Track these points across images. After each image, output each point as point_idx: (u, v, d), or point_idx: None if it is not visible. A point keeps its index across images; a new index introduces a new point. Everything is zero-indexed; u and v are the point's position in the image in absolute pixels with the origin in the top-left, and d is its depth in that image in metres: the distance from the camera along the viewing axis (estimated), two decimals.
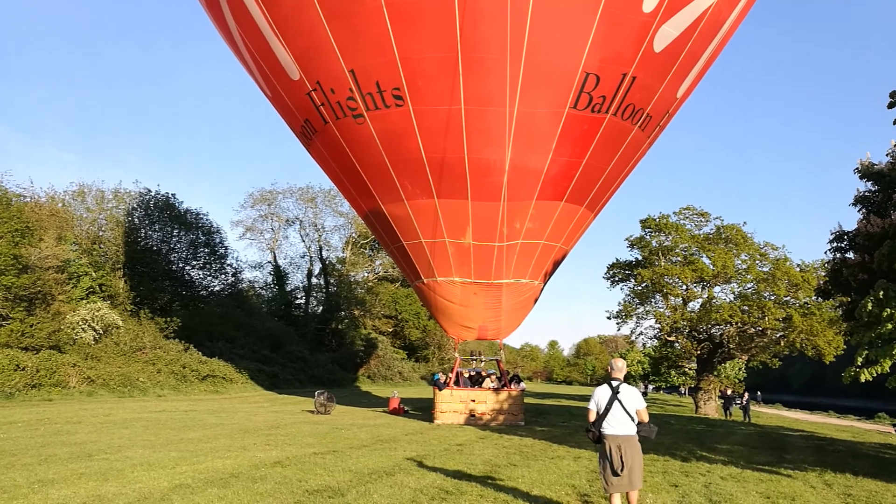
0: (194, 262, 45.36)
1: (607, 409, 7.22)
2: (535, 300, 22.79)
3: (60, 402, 23.31)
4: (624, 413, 7.16)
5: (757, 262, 37.65)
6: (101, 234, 39.78)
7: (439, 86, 16.71)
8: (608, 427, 7.20)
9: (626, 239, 40.45)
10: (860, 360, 11.28)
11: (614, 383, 7.31)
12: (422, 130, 17.65)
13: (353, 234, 62.51)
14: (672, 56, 17.20)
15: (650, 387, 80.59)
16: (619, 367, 7.46)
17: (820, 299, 32.13)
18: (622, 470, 7.02)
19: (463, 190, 18.81)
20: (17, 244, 26.89)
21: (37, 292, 28.11)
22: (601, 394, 7.35)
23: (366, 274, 65.04)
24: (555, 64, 16.43)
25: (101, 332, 30.31)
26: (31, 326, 26.63)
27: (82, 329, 29.35)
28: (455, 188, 18.84)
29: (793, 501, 9.56)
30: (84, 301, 31.80)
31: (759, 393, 36.70)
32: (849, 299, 18.59)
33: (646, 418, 7.28)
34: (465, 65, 16.20)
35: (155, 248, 41.97)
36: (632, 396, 7.24)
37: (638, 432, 7.21)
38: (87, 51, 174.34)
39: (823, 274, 27.30)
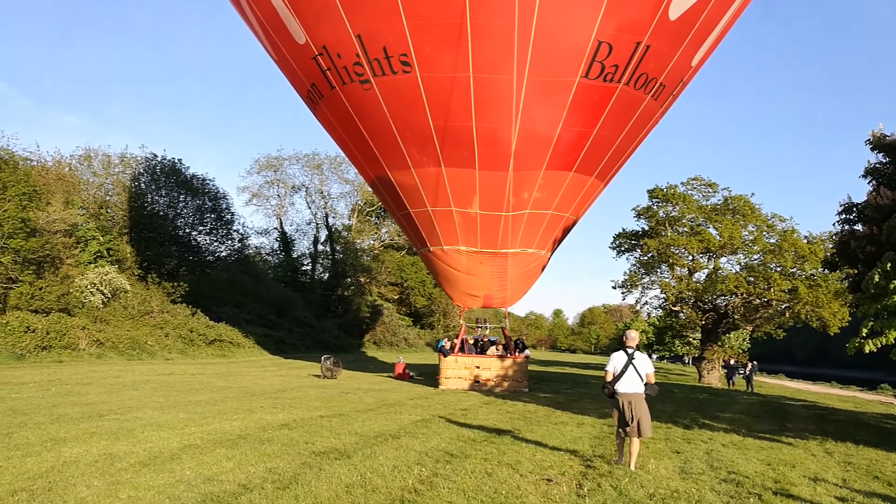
0: (201, 228, 45.49)
1: (623, 372, 8.85)
2: (542, 269, 22.81)
3: (70, 363, 23.63)
4: (636, 375, 8.84)
5: (764, 233, 37.53)
6: (107, 198, 39.86)
7: (447, 52, 16.47)
8: (621, 386, 8.84)
9: (633, 209, 40.32)
10: (865, 331, 11.30)
11: (629, 350, 8.95)
12: (429, 98, 17.45)
13: (359, 202, 62.43)
14: (688, 24, 16.80)
15: (654, 356, 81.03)
16: (633, 336, 9.09)
17: (826, 271, 32.07)
18: (632, 421, 8.70)
19: (470, 159, 18.68)
20: (25, 208, 26.97)
21: (45, 256, 28.29)
22: (618, 358, 8.98)
23: (371, 241, 65.13)
24: (566, 32, 16.14)
25: (110, 295, 30.57)
26: (40, 289, 26.84)
27: (91, 293, 29.59)
28: (462, 157, 18.71)
29: (793, 468, 9.67)
30: (92, 265, 32.00)
31: (755, 363, 36.78)
32: (856, 271, 18.55)
33: (652, 381, 8.92)
34: (474, 31, 15.93)
35: (161, 213, 42.07)
36: (644, 362, 8.94)
37: (644, 391, 8.86)
38: (93, 11, 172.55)
39: (831, 246, 27.19)
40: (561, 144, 18.27)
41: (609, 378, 9.00)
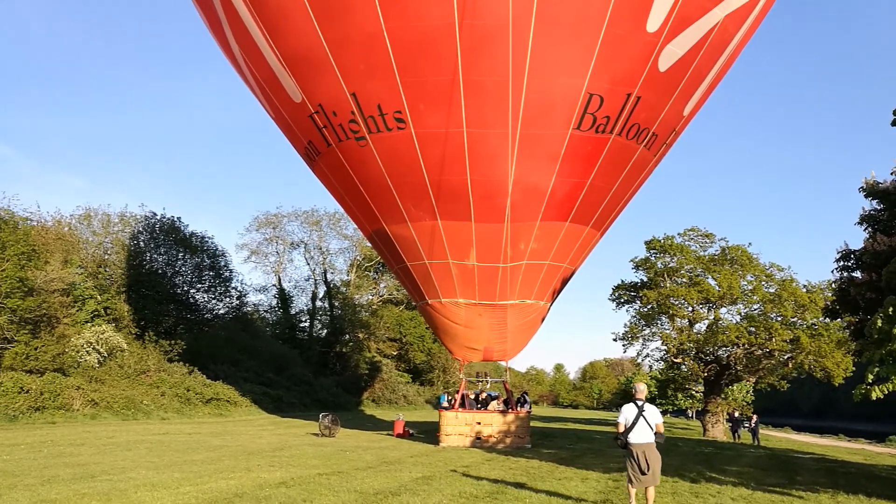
0: (199, 285, 45.33)
1: (634, 423, 9.33)
2: (542, 320, 22.68)
3: (64, 424, 23.18)
4: (647, 426, 9.32)
5: (763, 282, 37.45)
6: (106, 257, 39.87)
7: (441, 109, 16.80)
8: (634, 437, 9.30)
9: (631, 260, 40.36)
10: (871, 377, 11.14)
11: (639, 403, 9.50)
12: (424, 153, 17.73)
13: (358, 257, 62.49)
14: (677, 75, 17.25)
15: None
16: (642, 389, 9.74)
17: (828, 319, 31.92)
18: (648, 470, 9.15)
19: (466, 212, 18.83)
20: (24, 267, 26.95)
21: (42, 315, 28.11)
22: (629, 411, 9.50)
23: (370, 297, 64.90)
24: (557, 86, 16.53)
25: (106, 354, 30.24)
26: (35, 349, 26.56)
27: (87, 352, 29.27)
28: (458, 210, 18.86)
29: None
30: (89, 324, 31.78)
31: (757, 416, 36.17)
32: (857, 318, 18.46)
33: (661, 430, 9.46)
34: (467, 88, 16.29)
35: (160, 271, 41.99)
36: (654, 413, 9.48)
37: (655, 440, 9.35)
38: (92, 76, 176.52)
39: (830, 294, 27.16)
40: (556, 195, 18.47)
41: (621, 430, 9.47)
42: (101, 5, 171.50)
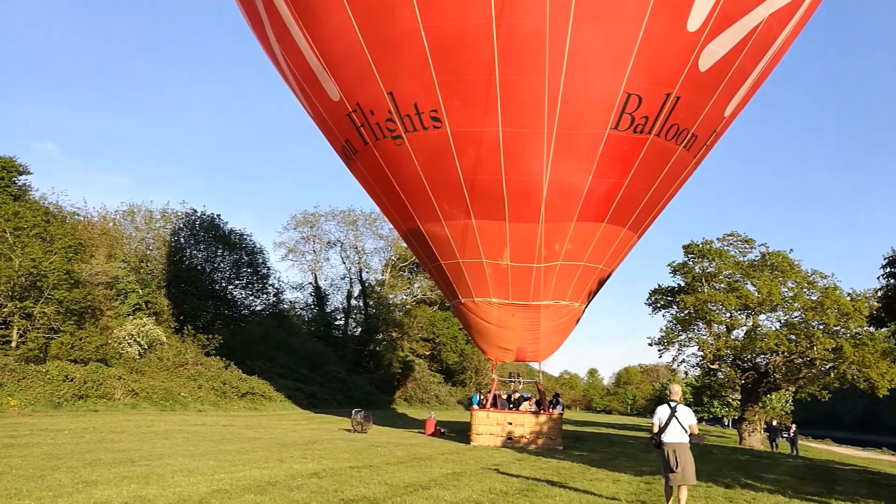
0: (237, 282, 46.19)
1: (667, 423, 9.51)
2: (577, 322, 22.52)
3: (105, 412, 23.84)
4: (679, 427, 9.48)
5: (804, 289, 36.62)
6: (148, 252, 40.95)
7: (477, 108, 16.81)
8: (667, 437, 9.47)
9: (669, 265, 39.85)
10: None
11: (672, 404, 9.66)
12: (459, 151, 17.77)
13: (393, 257, 62.90)
14: (719, 75, 16.94)
15: None
16: (676, 391, 9.97)
17: (872, 329, 31.06)
18: (677, 468, 9.29)
19: (500, 211, 18.80)
20: (70, 260, 27.84)
21: (87, 307, 29.00)
22: (662, 411, 9.69)
23: (404, 297, 65.24)
24: (595, 85, 16.41)
25: (146, 347, 31.04)
26: (80, 340, 27.39)
27: (128, 344, 30.11)
28: (492, 209, 18.85)
29: None
30: (130, 317, 32.67)
31: (794, 426, 35.17)
32: None
33: (696, 431, 9.58)
34: (503, 87, 16.29)
35: (199, 267, 42.93)
36: (686, 414, 9.61)
37: (690, 441, 9.49)
38: (134, 77, 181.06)
39: (876, 302, 26.40)
40: (592, 196, 18.29)
41: (655, 430, 9.69)
42: (147, 7, 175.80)
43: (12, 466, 10.30)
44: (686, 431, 9.45)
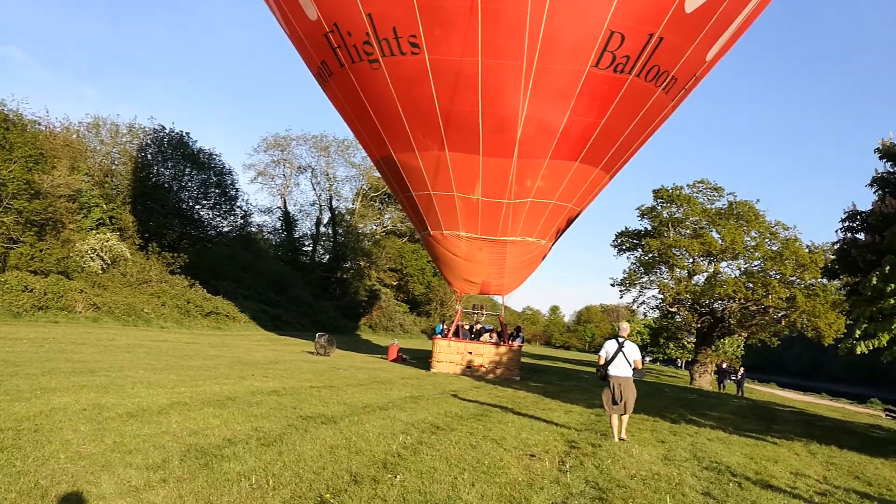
0: (204, 202, 45.52)
1: (614, 357, 9.97)
2: (542, 259, 22.83)
3: (66, 325, 23.70)
4: (625, 361, 9.95)
5: (766, 239, 37.53)
6: (113, 167, 39.89)
7: (456, 36, 16.39)
8: (613, 370, 9.94)
9: (638, 208, 40.38)
10: (858, 332, 11.31)
11: (620, 339, 10.10)
12: (436, 80, 17.40)
13: (364, 186, 62.41)
14: (704, 18, 16.61)
15: (647, 358, 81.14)
16: (625, 328, 10.48)
17: (825, 280, 32.11)
18: (620, 400, 9.84)
19: (475, 144, 18.64)
20: (31, 170, 27.00)
21: (48, 219, 28.34)
22: (610, 346, 10.10)
23: (374, 227, 65.13)
24: (578, 20, 16.05)
25: (109, 262, 30.65)
26: (40, 251, 26.90)
27: (91, 258, 29.67)
28: (467, 142, 18.67)
29: (776, 463, 9.71)
30: (94, 231, 32.08)
31: (742, 370, 36.79)
32: (855, 280, 18.54)
33: (640, 366, 10.09)
34: (485, 15, 15.84)
35: (166, 185, 42.08)
36: (632, 350, 10.07)
37: (633, 375, 9.97)
38: None
39: (832, 256, 27.17)
40: (568, 134, 18.20)
41: (601, 362, 10.13)
42: None
43: None
44: (631, 366, 9.94)
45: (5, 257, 25.91)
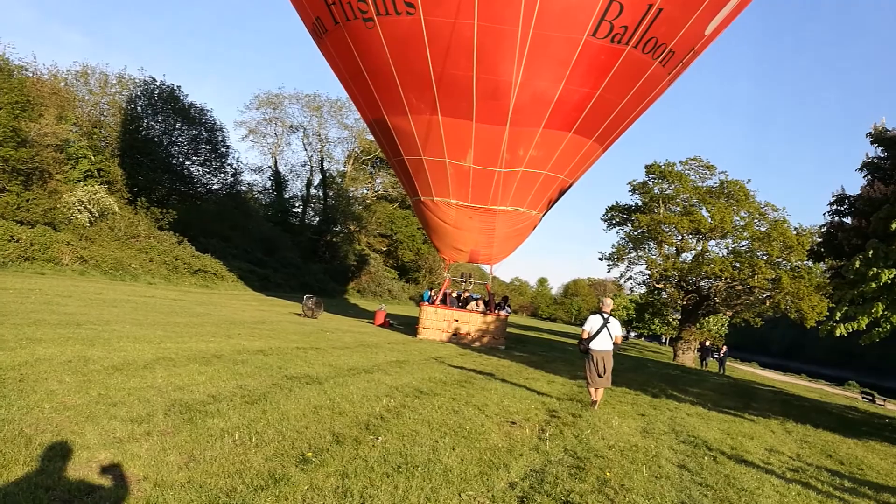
0: (195, 158, 45.06)
1: (598, 332, 10.24)
2: (532, 229, 22.85)
3: (52, 276, 23.59)
4: (608, 336, 10.27)
5: (755, 220, 37.74)
6: (102, 118, 39.28)
7: None
8: (596, 344, 10.23)
9: (629, 183, 40.38)
10: (839, 314, 11.47)
11: (605, 315, 10.33)
12: (431, 42, 17.08)
13: (356, 150, 61.95)
14: None
15: (632, 333, 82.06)
16: (608, 304, 10.56)
17: (811, 263, 32.41)
18: (604, 373, 10.19)
19: (468, 110, 18.43)
20: (17, 117, 26.55)
21: (34, 168, 27.98)
22: (595, 321, 10.33)
23: (365, 191, 64.86)
24: None
25: (97, 215, 30.41)
26: (27, 201, 26.64)
27: (78, 210, 29.42)
28: (460, 107, 18.46)
29: (751, 440, 9.92)
30: (81, 183, 31.72)
31: (727, 348, 37.36)
32: (840, 263, 18.72)
33: (619, 342, 10.53)
34: None
35: (156, 139, 41.56)
36: (615, 326, 10.36)
37: (613, 349, 10.39)
38: None
39: (818, 239, 27.43)
40: (562, 103, 18.02)
41: (585, 336, 10.37)
42: None
43: None
44: (612, 341, 10.29)
45: None
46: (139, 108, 41.05)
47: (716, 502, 6.00)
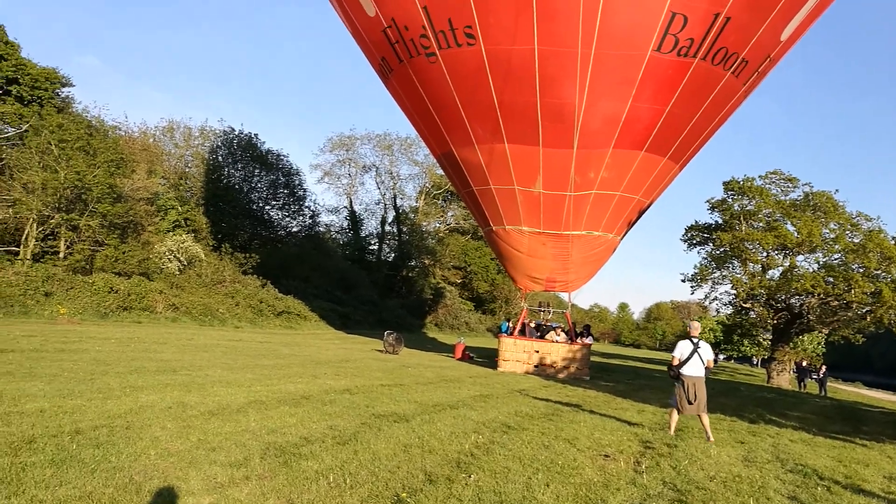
0: (274, 202, 46.86)
1: (689, 357, 10.00)
2: (612, 253, 22.35)
3: (148, 324, 24.83)
4: (699, 361, 10.02)
5: (847, 232, 35.74)
6: (187, 169, 41.58)
7: (512, 24, 16.08)
8: (687, 370, 10.00)
9: (708, 201, 39.13)
10: None
11: (694, 339, 10.13)
12: (493, 71, 17.19)
13: (427, 184, 62.84)
14: None
15: (721, 356, 78.67)
16: (696, 327, 10.44)
17: None
18: (695, 400, 9.94)
19: (534, 135, 18.34)
20: (113, 174, 28.42)
21: (129, 222, 29.78)
22: (685, 346, 10.10)
23: (437, 224, 65.51)
24: (636, 3, 15.40)
25: (186, 263, 31.93)
26: (123, 253, 28.29)
27: (168, 259, 31.00)
28: (526, 133, 18.38)
29: (867, 467, 9.24)
30: (170, 233, 33.51)
31: (824, 368, 35.18)
32: None
33: (711, 366, 10.18)
34: (540, 2, 15.54)
35: (237, 186, 43.52)
36: (706, 350, 10.13)
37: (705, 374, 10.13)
38: None
39: None
40: (631, 122, 17.64)
41: (676, 362, 10.14)
42: None
43: (65, 369, 10.87)
44: (704, 366, 10.04)
45: (92, 259, 27.36)
46: (220, 157, 43.21)
47: None
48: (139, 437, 6.66)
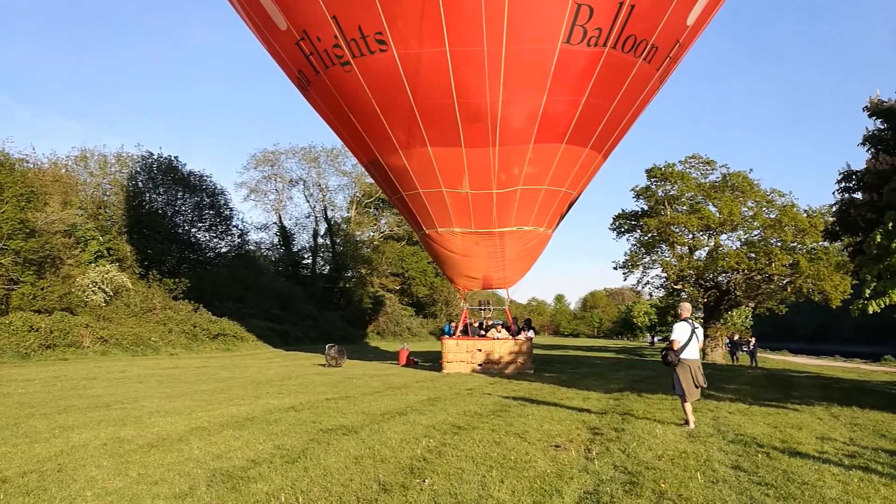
0: (200, 225, 45.50)
1: (688, 342, 9.67)
2: (544, 246, 22.67)
3: (75, 361, 23.65)
4: (696, 344, 9.76)
5: (763, 208, 37.49)
6: (105, 198, 39.83)
7: (421, 28, 16.00)
8: (688, 354, 9.67)
9: (632, 189, 40.32)
10: (868, 292, 11.28)
11: (690, 321, 9.79)
12: (408, 75, 17.07)
13: (357, 194, 62.35)
14: None
15: (656, 337, 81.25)
16: (687, 308, 10.02)
17: (827, 243, 32.13)
18: (699, 385, 9.68)
19: (455, 137, 18.33)
20: (23, 209, 26.96)
21: (45, 256, 28.30)
22: (684, 329, 9.71)
23: (371, 233, 65.09)
24: None
25: (112, 294, 30.59)
26: (42, 290, 26.87)
27: (93, 291, 29.61)
28: (447, 135, 18.35)
29: (800, 430, 9.69)
30: (93, 265, 32.02)
31: (753, 340, 36.85)
32: (857, 239, 18.50)
33: (702, 347, 9.18)
34: (445, 3, 15.48)
35: (160, 211, 42.02)
36: (701, 332, 9.91)
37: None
38: (83, 14, 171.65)
39: (831, 218, 27.24)
40: (548, 116, 17.77)
41: (677, 347, 9.70)
42: None
43: None
44: (699, 348, 9.85)
45: (7, 299, 25.88)
46: (140, 183, 41.63)
47: (779, 500, 5.82)
48: (73, 479, 6.30)
